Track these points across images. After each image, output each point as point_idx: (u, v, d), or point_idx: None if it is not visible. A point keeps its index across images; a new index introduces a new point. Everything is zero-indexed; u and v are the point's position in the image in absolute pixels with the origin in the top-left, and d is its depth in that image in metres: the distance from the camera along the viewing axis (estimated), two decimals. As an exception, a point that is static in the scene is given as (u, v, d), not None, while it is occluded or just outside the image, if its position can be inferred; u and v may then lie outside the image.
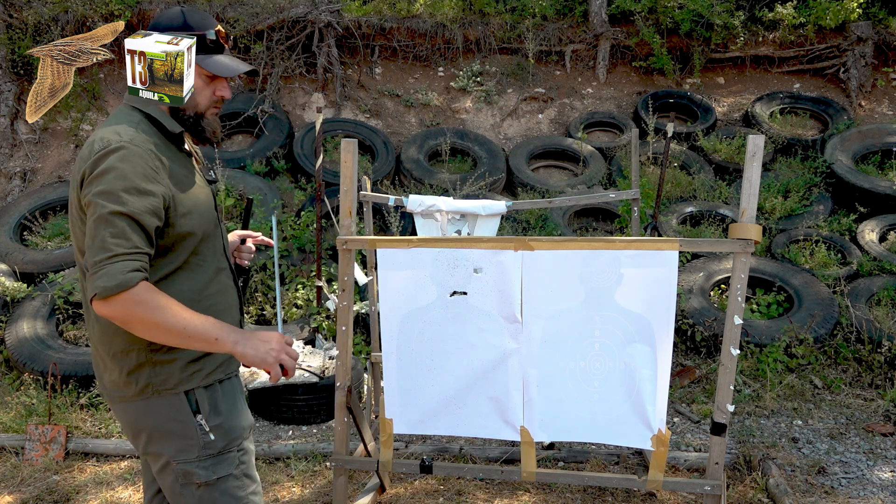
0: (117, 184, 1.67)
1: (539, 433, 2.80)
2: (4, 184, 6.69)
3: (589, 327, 2.71)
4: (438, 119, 7.67)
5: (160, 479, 1.94)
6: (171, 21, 1.89)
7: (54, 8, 7.01)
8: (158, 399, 1.85)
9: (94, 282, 1.63)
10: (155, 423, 1.86)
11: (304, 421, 4.25)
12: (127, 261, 1.64)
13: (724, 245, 2.62)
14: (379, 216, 5.99)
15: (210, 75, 1.91)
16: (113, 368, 1.86)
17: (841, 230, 6.09)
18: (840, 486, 3.54)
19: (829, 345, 4.80)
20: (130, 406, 1.87)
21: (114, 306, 1.64)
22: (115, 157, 1.70)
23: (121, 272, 1.62)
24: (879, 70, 7.97)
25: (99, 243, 1.65)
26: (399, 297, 2.80)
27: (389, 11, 8.02)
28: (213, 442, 1.89)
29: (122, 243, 1.65)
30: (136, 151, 1.72)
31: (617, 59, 8.27)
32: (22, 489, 3.55)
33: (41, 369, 4.41)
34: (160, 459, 1.90)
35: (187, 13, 1.91)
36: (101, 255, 1.64)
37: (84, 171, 1.73)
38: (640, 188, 3.87)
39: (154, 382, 1.84)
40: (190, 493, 1.89)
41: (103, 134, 1.75)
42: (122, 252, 1.64)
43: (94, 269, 1.64)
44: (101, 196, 1.67)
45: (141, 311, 1.65)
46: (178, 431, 1.87)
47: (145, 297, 1.65)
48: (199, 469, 1.87)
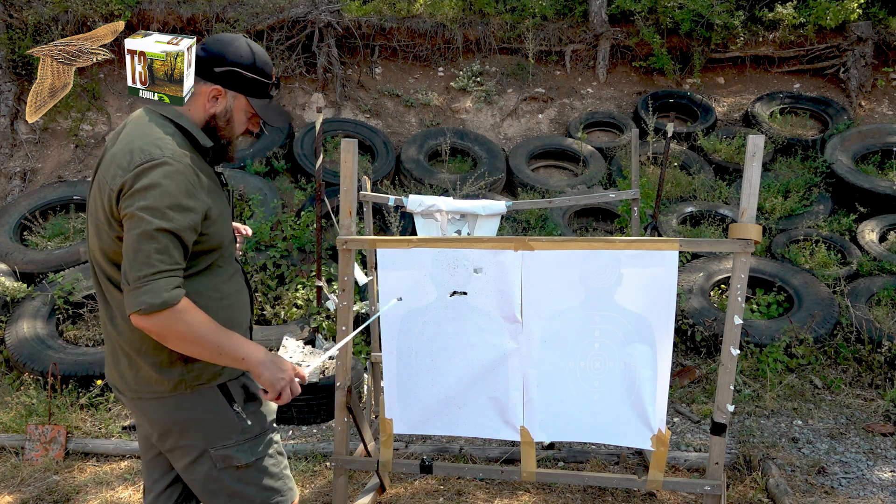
0: (163, 200, 1.71)
1: (539, 433, 2.80)
2: (4, 184, 6.69)
3: (589, 327, 2.71)
4: (438, 119, 7.67)
5: (191, 471, 1.97)
6: (240, 57, 1.91)
7: (54, 8, 7.01)
8: (192, 394, 1.91)
9: (138, 297, 1.69)
10: (189, 416, 1.92)
11: (304, 421, 4.25)
12: (170, 277, 1.72)
13: (724, 245, 2.62)
14: (379, 216, 5.99)
15: (254, 112, 1.98)
16: (143, 366, 1.89)
17: (841, 230, 6.09)
18: (840, 486, 3.54)
19: (829, 345, 4.80)
20: (161, 402, 1.91)
21: (155, 321, 1.71)
22: (158, 172, 1.73)
23: (165, 289, 1.70)
24: (879, 70, 7.97)
25: (143, 258, 1.70)
26: (399, 297, 2.80)
27: (389, 11, 8.02)
28: (251, 426, 1.98)
29: (166, 259, 1.71)
30: (178, 168, 1.76)
31: (617, 59, 8.27)
32: (22, 489, 3.55)
33: (41, 369, 4.41)
34: (192, 452, 1.95)
35: (257, 53, 1.95)
36: (145, 270, 1.70)
37: (125, 181, 1.74)
38: (640, 188, 3.87)
39: (187, 378, 1.89)
40: (228, 476, 1.96)
41: (142, 145, 1.77)
42: (166, 269, 1.71)
43: (137, 284, 1.70)
44: (147, 211, 1.70)
45: (180, 327, 1.73)
46: (216, 421, 1.94)
47: (185, 314, 1.73)
48: (238, 453, 1.96)
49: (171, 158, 1.75)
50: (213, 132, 1.94)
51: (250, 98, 1.94)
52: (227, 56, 1.89)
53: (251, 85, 1.93)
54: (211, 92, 1.90)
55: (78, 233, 5.81)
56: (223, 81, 1.90)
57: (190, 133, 1.88)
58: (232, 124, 1.96)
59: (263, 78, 1.94)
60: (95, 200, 1.85)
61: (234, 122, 1.96)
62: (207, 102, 1.90)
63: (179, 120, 1.87)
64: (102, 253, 1.86)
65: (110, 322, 1.92)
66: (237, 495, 1.99)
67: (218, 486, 1.98)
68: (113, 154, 1.81)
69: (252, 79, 1.92)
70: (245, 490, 1.99)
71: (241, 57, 1.90)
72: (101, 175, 1.82)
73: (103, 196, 1.79)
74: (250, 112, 1.97)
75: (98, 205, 1.83)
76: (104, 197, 1.79)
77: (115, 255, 1.83)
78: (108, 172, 1.78)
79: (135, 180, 1.72)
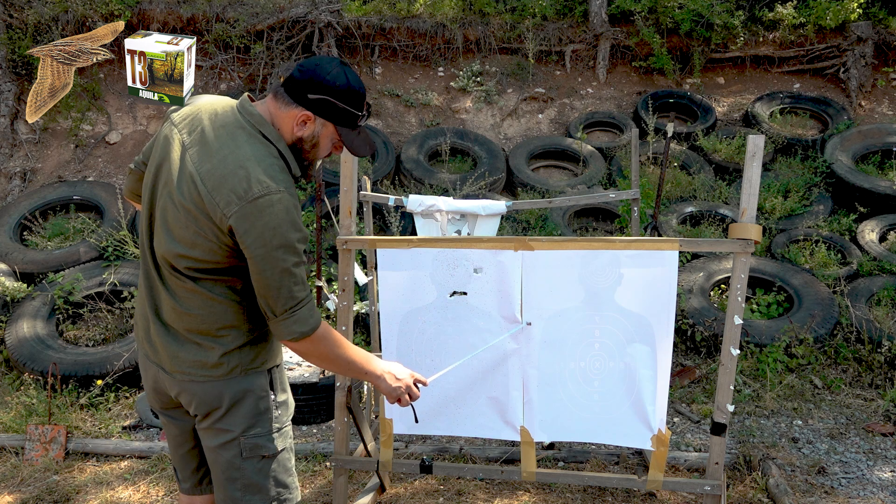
0: (292, 236, 1.83)
1: (539, 433, 2.80)
2: (4, 184, 6.69)
3: (589, 327, 2.71)
4: (438, 119, 7.67)
5: (219, 452, 2.04)
6: (335, 86, 1.88)
7: (54, 8, 7.01)
8: (245, 378, 2.00)
9: (289, 327, 1.88)
10: (236, 399, 1.99)
11: (304, 421, 4.25)
12: (310, 303, 1.91)
13: (724, 245, 2.62)
14: (379, 216, 5.99)
15: (340, 139, 1.98)
16: (209, 349, 1.96)
17: (841, 230, 6.08)
18: (840, 486, 3.54)
19: (829, 345, 4.80)
20: (214, 385, 1.98)
21: (306, 344, 1.93)
22: (281, 207, 1.80)
23: (310, 316, 1.90)
24: (879, 70, 7.96)
25: (287, 293, 1.85)
26: (399, 297, 2.80)
27: (389, 11, 8.02)
28: (280, 416, 2.08)
29: (303, 289, 1.89)
30: (292, 202, 1.84)
31: (617, 59, 8.26)
32: (22, 489, 3.55)
33: (41, 369, 4.41)
34: (227, 434, 2.02)
35: (352, 83, 1.91)
36: (290, 303, 1.87)
37: (243, 210, 1.77)
38: (640, 188, 3.86)
39: (244, 362, 1.99)
40: (251, 465, 2.03)
41: (258, 175, 1.79)
42: (305, 296, 1.89)
43: (285, 316, 1.87)
44: (282, 250, 1.82)
45: (324, 346, 1.96)
46: (256, 407, 2.02)
47: (326, 337, 1.96)
48: (267, 442, 2.03)
49: (286, 191, 1.82)
50: (298, 153, 1.96)
51: (339, 126, 1.94)
52: (322, 83, 1.87)
53: (342, 115, 1.92)
54: (301, 116, 1.89)
55: (77, 233, 5.81)
56: (314, 108, 1.89)
57: (286, 159, 1.92)
58: (317, 149, 1.97)
59: (355, 109, 1.93)
60: (188, 207, 1.84)
61: (319, 147, 1.97)
62: (296, 126, 1.90)
63: (279, 144, 1.89)
64: (188, 246, 1.87)
65: (174, 310, 1.96)
66: (253, 486, 2.04)
67: (238, 474, 2.04)
68: (221, 173, 1.81)
69: (343, 109, 1.91)
70: (263, 483, 2.05)
71: (336, 86, 1.88)
72: (208, 189, 1.81)
73: (212, 211, 1.81)
74: (336, 139, 1.98)
75: (194, 213, 1.83)
76: (214, 213, 1.81)
77: (209, 253, 1.87)
78: (219, 192, 1.80)
79: (258, 213, 1.78)
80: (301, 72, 1.88)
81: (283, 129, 1.91)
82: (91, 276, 5.11)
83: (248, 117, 1.88)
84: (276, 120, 1.90)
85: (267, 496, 2.06)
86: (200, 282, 1.90)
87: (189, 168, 1.84)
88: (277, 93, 1.90)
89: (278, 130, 1.90)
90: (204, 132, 1.87)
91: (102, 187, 6.18)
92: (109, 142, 7.10)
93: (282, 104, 1.89)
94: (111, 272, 5.10)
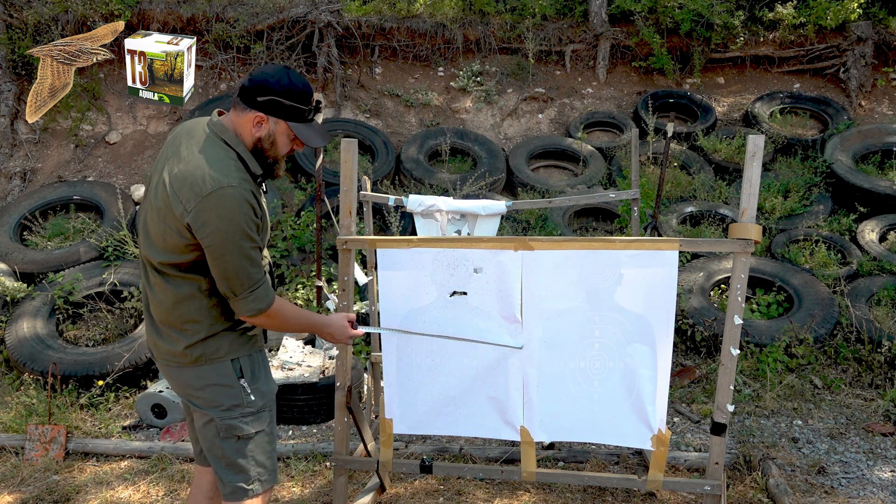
0: (245, 224, 2.07)
1: (539, 433, 2.80)
2: (4, 184, 6.69)
3: (589, 327, 2.71)
4: (438, 119, 7.67)
5: (202, 432, 2.30)
6: (280, 86, 2.12)
7: (54, 8, 7.01)
8: (209, 366, 2.23)
9: (248, 304, 2.14)
10: (204, 385, 2.24)
11: (304, 421, 4.25)
12: (265, 283, 2.17)
13: (724, 245, 2.62)
14: (379, 216, 5.99)
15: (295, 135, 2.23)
16: (176, 340, 2.22)
17: (841, 230, 6.08)
18: (840, 486, 3.54)
19: (829, 345, 4.80)
20: (184, 371, 2.25)
21: (263, 318, 2.20)
22: (233, 199, 2.04)
23: (265, 294, 2.17)
24: (879, 70, 7.96)
25: (245, 275, 2.11)
26: (399, 297, 2.80)
27: (389, 11, 8.02)
28: (254, 401, 2.29)
29: (259, 271, 2.15)
30: (244, 195, 2.07)
31: (617, 59, 8.26)
32: (22, 489, 3.55)
33: (41, 369, 4.41)
34: (204, 416, 2.27)
35: (295, 83, 2.14)
36: (248, 282, 2.12)
37: (199, 205, 2.01)
38: (640, 188, 3.86)
39: (206, 353, 2.22)
40: (229, 445, 2.27)
41: (212, 173, 2.04)
42: (261, 277, 2.16)
43: (244, 295, 2.13)
44: (238, 237, 2.06)
45: (280, 318, 2.25)
46: (225, 393, 2.24)
47: (280, 308, 2.23)
48: (241, 423, 2.26)
49: (240, 186, 2.06)
50: (260, 153, 2.20)
51: (290, 122, 2.18)
52: (267, 85, 2.12)
53: (290, 111, 2.16)
54: (255, 118, 2.14)
55: (77, 233, 5.81)
56: (265, 109, 2.14)
57: (244, 160, 2.16)
58: (276, 146, 2.21)
59: (301, 104, 2.16)
60: (153, 204, 2.12)
61: (277, 145, 2.20)
62: (253, 128, 2.16)
63: (238, 148, 2.15)
64: (159, 245, 2.13)
65: (153, 303, 2.24)
66: (234, 465, 2.28)
67: (220, 452, 2.28)
68: (183, 174, 2.06)
69: (291, 105, 2.15)
70: (242, 462, 2.28)
71: (280, 86, 2.12)
72: (174, 189, 2.07)
73: (175, 209, 2.06)
74: (291, 135, 2.21)
75: (164, 212, 2.09)
76: (176, 209, 2.05)
77: (174, 250, 2.12)
78: (181, 191, 2.05)
79: (214, 206, 2.01)
80: (250, 80, 2.14)
81: (243, 133, 2.16)
82: (91, 276, 5.11)
83: (212, 128, 2.15)
84: (237, 126, 2.16)
85: (248, 476, 2.29)
86: (170, 278, 2.16)
87: (164, 175, 2.12)
88: (236, 103, 2.16)
89: (239, 136, 2.16)
90: (180, 145, 2.16)
91: (102, 187, 6.18)
92: (109, 142, 7.10)
93: (239, 111, 2.15)
94: (111, 272, 5.10)
